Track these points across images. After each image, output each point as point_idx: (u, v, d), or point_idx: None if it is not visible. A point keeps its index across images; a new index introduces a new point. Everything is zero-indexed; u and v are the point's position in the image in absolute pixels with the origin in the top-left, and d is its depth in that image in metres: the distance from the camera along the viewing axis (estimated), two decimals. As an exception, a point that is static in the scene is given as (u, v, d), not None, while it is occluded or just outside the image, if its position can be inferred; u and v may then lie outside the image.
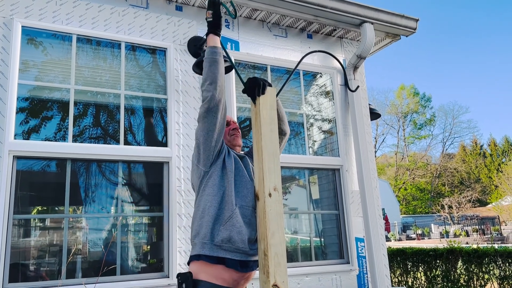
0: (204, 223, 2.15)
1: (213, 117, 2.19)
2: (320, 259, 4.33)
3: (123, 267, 3.44)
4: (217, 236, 2.11)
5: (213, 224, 2.13)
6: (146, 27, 3.81)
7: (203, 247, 2.11)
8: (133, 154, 3.54)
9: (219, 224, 2.13)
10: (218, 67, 2.24)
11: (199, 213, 2.20)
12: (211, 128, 2.20)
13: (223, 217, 2.14)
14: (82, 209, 3.60)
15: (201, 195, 2.22)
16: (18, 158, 3.20)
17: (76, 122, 3.53)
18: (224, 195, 2.19)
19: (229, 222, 2.13)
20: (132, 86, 3.77)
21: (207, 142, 2.21)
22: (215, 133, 2.20)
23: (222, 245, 2.10)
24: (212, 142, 2.21)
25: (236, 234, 2.11)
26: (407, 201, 49.69)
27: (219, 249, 2.10)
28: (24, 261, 3.25)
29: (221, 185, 2.21)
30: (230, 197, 2.18)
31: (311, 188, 4.61)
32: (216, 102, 2.18)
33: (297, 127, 4.59)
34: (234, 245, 2.11)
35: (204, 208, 2.17)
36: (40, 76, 3.47)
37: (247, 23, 4.31)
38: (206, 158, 2.22)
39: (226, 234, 2.10)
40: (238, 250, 2.12)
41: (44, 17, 3.44)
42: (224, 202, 2.17)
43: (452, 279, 7.66)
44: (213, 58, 2.24)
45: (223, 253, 2.10)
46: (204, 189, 2.21)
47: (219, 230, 2.12)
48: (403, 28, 4.67)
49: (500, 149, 54.08)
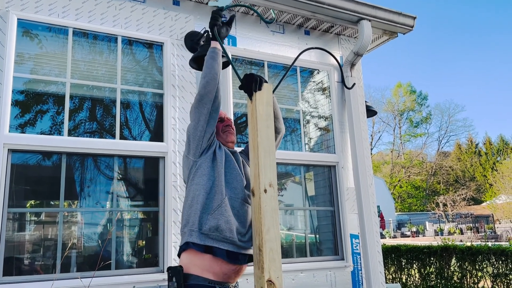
0: (192, 212, 2.18)
1: (203, 107, 2.26)
2: (315, 255, 4.34)
3: (119, 262, 3.44)
4: (204, 225, 2.13)
5: (201, 213, 2.16)
6: (143, 21, 3.79)
7: (191, 234, 2.14)
8: (129, 149, 3.53)
9: (207, 213, 2.16)
10: (216, 62, 2.36)
11: (188, 202, 2.24)
12: (201, 118, 2.26)
13: (212, 206, 2.17)
14: (77, 204, 3.59)
15: (190, 184, 2.26)
16: (13, 152, 3.19)
17: (71, 116, 3.51)
18: (214, 185, 2.22)
19: (217, 211, 2.15)
20: (128, 81, 3.76)
21: (196, 132, 2.27)
22: (204, 123, 2.26)
23: (209, 233, 2.13)
24: (201, 132, 2.26)
25: (223, 223, 2.14)
26: (402, 198, 49.91)
27: (207, 237, 2.12)
28: (18, 255, 3.24)
29: (210, 175, 2.24)
30: (220, 187, 2.21)
31: (307, 184, 4.62)
32: (209, 91, 2.27)
33: (293, 123, 4.59)
34: (222, 234, 2.13)
35: (193, 197, 2.21)
36: (35, 69, 3.45)
37: (244, 18, 4.30)
38: (195, 148, 2.27)
39: (214, 222, 2.13)
40: (226, 240, 2.14)
41: (40, 9, 3.41)
42: (213, 192, 2.20)
43: (445, 276, 7.72)
44: (212, 56, 2.38)
45: (210, 242, 2.12)
46: (193, 179, 2.25)
47: (207, 219, 2.14)
48: (400, 25, 4.67)
49: (495, 148, 54.38)
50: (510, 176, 38.38)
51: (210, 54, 2.40)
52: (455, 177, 51.22)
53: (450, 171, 50.97)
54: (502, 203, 36.34)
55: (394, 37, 4.94)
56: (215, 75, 2.32)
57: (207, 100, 2.27)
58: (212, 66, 2.34)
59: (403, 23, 4.68)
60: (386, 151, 53.75)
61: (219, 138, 2.47)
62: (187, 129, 2.34)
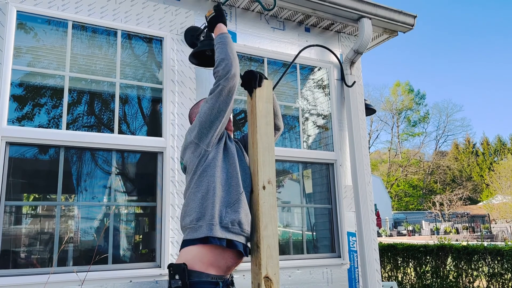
0: (209, 204, 2.07)
1: (228, 97, 2.12)
2: (312, 253, 4.35)
3: (115, 256, 3.44)
4: (225, 218, 2.05)
5: (220, 206, 2.07)
6: (143, 16, 3.77)
7: (211, 228, 2.03)
8: (127, 143, 3.52)
9: (226, 206, 2.08)
10: (233, 47, 2.23)
11: (199, 195, 2.10)
12: (223, 108, 2.13)
13: (230, 199, 2.09)
14: (74, 198, 3.59)
15: (201, 175, 2.13)
16: (11, 145, 3.18)
17: (70, 109, 3.50)
18: (229, 177, 2.13)
19: (237, 204, 2.09)
20: (127, 75, 3.74)
21: (216, 122, 2.12)
22: (226, 114, 2.14)
23: (230, 227, 2.06)
24: (220, 122, 2.14)
25: (244, 216, 2.09)
26: (399, 197, 50.05)
27: (227, 231, 2.05)
28: (15, 248, 3.23)
29: (223, 167, 2.15)
30: (236, 180, 2.13)
31: (305, 182, 4.62)
32: (236, 81, 2.13)
33: (292, 121, 4.59)
34: (241, 227, 2.08)
35: (208, 189, 2.09)
36: (34, 62, 3.43)
37: (245, 14, 4.29)
38: (210, 137, 2.14)
39: (235, 216, 2.06)
40: (243, 233, 2.10)
41: (39, 2, 3.39)
42: (229, 184, 2.12)
43: (441, 275, 7.75)
44: (228, 40, 2.22)
45: (231, 235, 2.05)
46: (206, 170, 2.13)
47: (226, 211, 2.06)
48: (401, 24, 4.67)
49: (492, 148, 54.52)
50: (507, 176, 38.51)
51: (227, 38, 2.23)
52: (452, 176, 51.37)
53: (447, 171, 51.11)
54: (498, 203, 36.48)
55: (394, 36, 4.93)
56: (236, 58, 2.18)
57: (234, 89, 2.12)
58: (232, 49, 2.18)
59: (404, 21, 4.67)
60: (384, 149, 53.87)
61: None
62: (201, 115, 2.16)
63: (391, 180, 49.16)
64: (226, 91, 2.13)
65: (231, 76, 2.11)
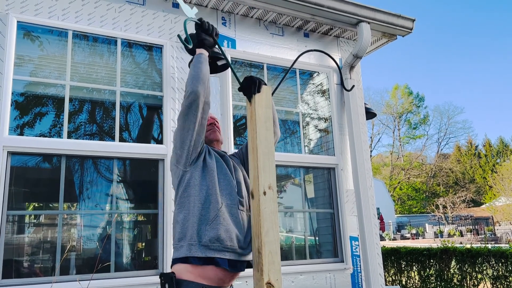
0: (189, 225, 2.10)
1: (193, 115, 2.13)
2: (314, 258, 4.34)
3: (118, 264, 3.44)
4: (204, 236, 2.06)
5: (198, 225, 2.08)
6: (142, 24, 3.80)
7: (190, 249, 2.06)
8: (128, 151, 3.53)
9: (205, 224, 2.08)
10: (202, 67, 2.21)
11: (181, 216, 2.14)
12: (190, 127, 2.14)
13: (209, 217, 2.09)
14: (76, 206, 3.59)
15: (182, 196, 2.16)
16: (12, 154, 3.19)
17: (71, 118, 3.51)
18: (208, 194, 2.13)
19: (215, 221, 2.08)
20: (128, 83, 3.76)
21: (185, 142, 2.15)
22: (194, 132, 2.14)
23: (210, 244, 2.06)
24: (190, 141, 2.15)
25: (223, 232, 2.08)
26: (402, 200, 49.90)
27: (207, 249, 2.06)
28: (18, 258, 3.23)
29: (203, 184, 2.15)
30: (215, 196, 2.13)
31: (306, 186, 4.61)
32: (197, 97, 2.12)
33: (293, 125, 4.59)
34: (223, 243, 2.07)
35: (188, 210, 2.12)
36: (35, 72, 3.45)
37: (244, 21, 4.31)
38: (185, 158, 2.16)
39: (213, 233, 2.06)
40: (227, 249, 2.09)
41: (40, 12, 3.42)
42: (208, 201, 2.12)
43: (445, 278, 7.71)
44: (198, 60, 2.23)
45: (212, 253, 2.05)
46: (186, 190, 2.15)
47: (205, 229, 2.07)
48: (399, 28, 4.68)
49: (495, 150, 54.39)
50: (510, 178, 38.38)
51: (198, 58, 2.25)
52: (455, 179, 51.23)
53: (449, 173, 50.98)
54: (501, 205, 36.32)
55: (393, 39, 4.94)
56: (204, 77, 2.19)
57: (196, 107, 2.12)
58: (200, 68, 2.20)
59: (402, 25, 4.69)
60: (386, 153, 53.78)
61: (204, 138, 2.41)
62: (174, 137, 2.21)
63: (393, 183, 49.04)
64: (186, 109, 2.14)
65: (187, 94, 2.15)
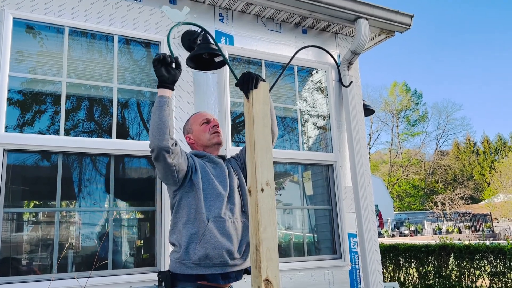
0: (182, 244, 2.18)
1: (164, 162, 2.15)
2: (313, 255, 4.34)
3: (116, 262, 3.43)
4: (194, 255, 2.13)
5: (187, 244, 2.16)
6: (139, 20, 3.78)
7: (180, 267, 2.15)
8: (126, 148, 3.51)
9: (194, 243, 2.15)
10: (162, 114, 2.16)
11: (174, 236, 2.24)
12: (167, 172, 2.19)
13: (197, 235, 2.16)
14: (74, 204, 3.58)
15: (174, 217, 2.27)
16: (9, 152, 3.17)
17: (68, 115, 3.49)
18: (196, 213, 2.20)
19: (203, 239, 2.14)
20: (125, 80, 3.74)
21: (167, 181, 2.25)
22: (174, 173, 2.20)
23: (200, 262, 2.13)
24: (172, 179, 2.22)
25: (212, 250, 2.13)
26: (401, 197, 50.01)
27: (198, 266, 2.13)
28: (15, 255, 3.22)
29: (192, 203, 2.22)
30: (201, 215, 2.19)
31: (305, 183, 4.61)
32: (161, 150, 2.12)
33: (291, 122, 4.58)
34: (212, 260, 2.13)
35: (180, 230, 2.21)
36: (31, 69, 3.43)
37: (241, 17, 4.29)
38: (173, 184, 2.26)
39: (202, 252, 2.12)
40: (217, 264, 2.15)
41: (36, 8, 3.39)
42: (196, 220, 2.19)
43: (443, 275, 7.72)
44: (156, 106, 2.20)
45: (202, 270, 2.13)
46: (177, 211, 2.26)
47: (195, 248, 2.14)
48: (397, 24, 4.67)
49: (493, 147, 54.51)
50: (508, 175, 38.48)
51: (157, 104, 2.18)
52: (453, 176, 51.35)
53: (448, 170, 51.09)
54: (500, 202, 36.44)
55: (391, 36, 4.93)
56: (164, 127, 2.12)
57: (163, 157, 2.11)
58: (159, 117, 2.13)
59: (401, 21, 4.67)
60: (385, 150, 53.85)
61: (205, 141, 2.44)
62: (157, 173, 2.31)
63: (392, 180, 49.11)
64: (155, 161, 2.18)
65: (151, 149, 2.15)
